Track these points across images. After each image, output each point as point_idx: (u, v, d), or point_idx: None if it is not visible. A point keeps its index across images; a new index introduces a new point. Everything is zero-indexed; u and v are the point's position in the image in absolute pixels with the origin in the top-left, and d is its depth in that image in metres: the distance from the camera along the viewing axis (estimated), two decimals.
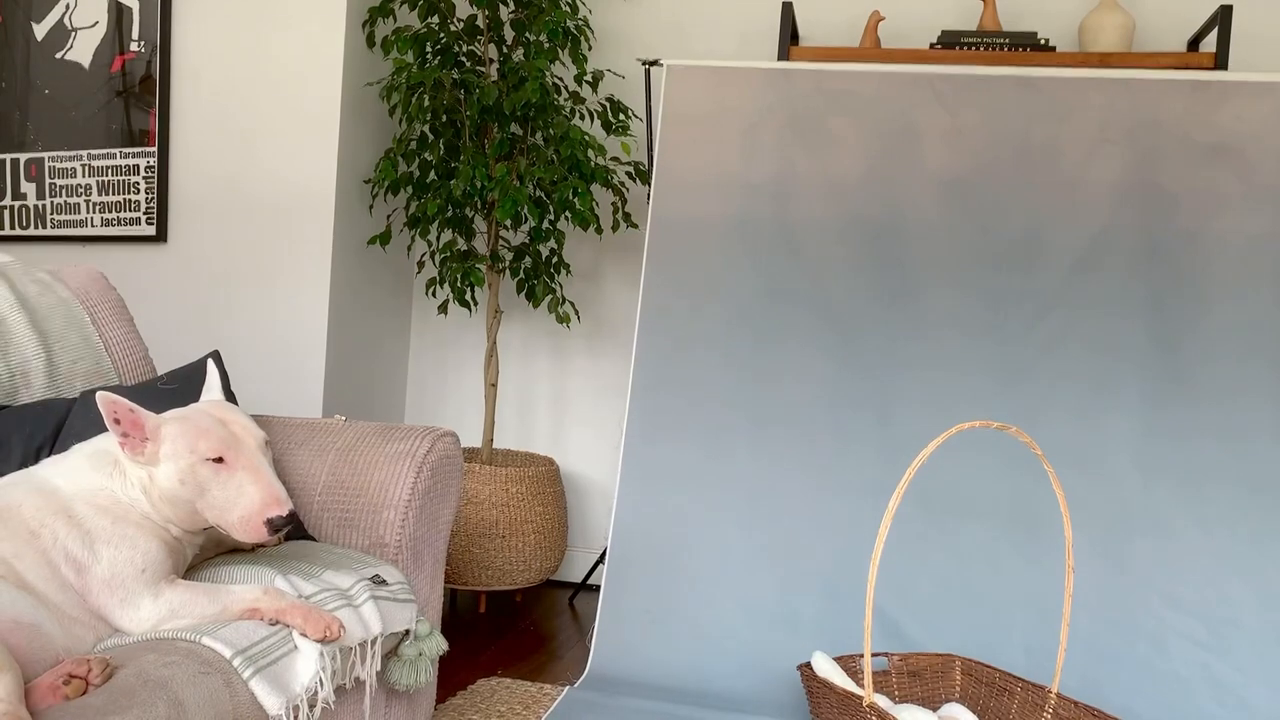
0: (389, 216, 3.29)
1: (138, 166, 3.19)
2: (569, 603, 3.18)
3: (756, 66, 2.88)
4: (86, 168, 3.24)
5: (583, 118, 3.28)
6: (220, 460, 1.33)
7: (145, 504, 1.33)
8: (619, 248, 3.50)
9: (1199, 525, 2.50)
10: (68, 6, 3.25)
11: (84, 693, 1.07)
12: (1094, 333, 2.64)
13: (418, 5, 2.95)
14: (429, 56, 3.00)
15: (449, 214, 2.98)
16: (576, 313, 3.12)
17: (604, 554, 2.69)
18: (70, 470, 1.34)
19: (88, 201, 3.25)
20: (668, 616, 2.55)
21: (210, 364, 1.55)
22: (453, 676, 2.43)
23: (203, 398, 1.51)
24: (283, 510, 1.33)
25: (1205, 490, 2.51)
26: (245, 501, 1.32)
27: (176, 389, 1.75)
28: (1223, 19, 2.78)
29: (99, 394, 1.28)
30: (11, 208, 3.32)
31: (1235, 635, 2.40)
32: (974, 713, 2.19)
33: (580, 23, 2.98)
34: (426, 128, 3.02)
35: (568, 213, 2.90)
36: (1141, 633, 2.43)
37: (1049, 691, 2.08)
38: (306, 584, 1.43)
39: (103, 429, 1.58)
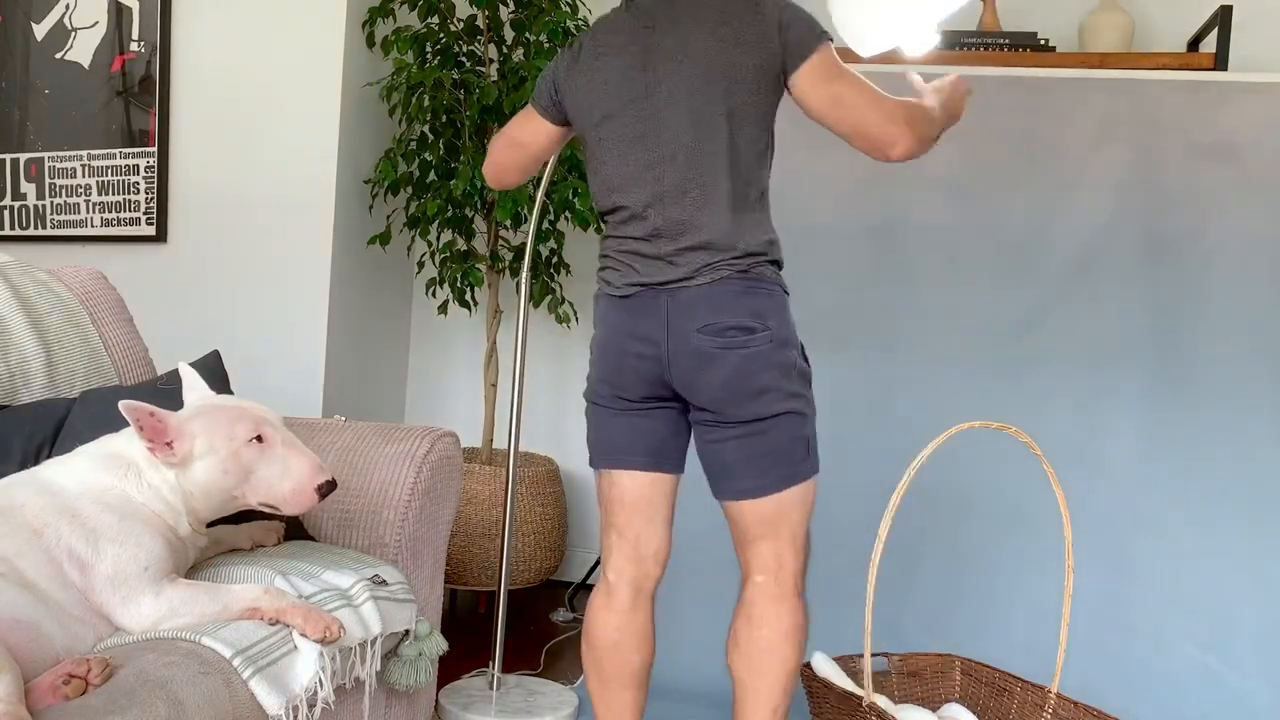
0: (389, 216, 3.29)
1: (137, 166, 3.19)
2: (569, 602, 3.18)
3: None
4: (86, 168, 3.24)
5: None
6: (260, 439, 1.37)
7: (159, 504, 1.34)
8: None
9: (1199, 524, 2.49)
10: (68, 6, 3.24)
11: (84, 693, 1.07)
12: (1094, 332, 2.64)
13: (418, 5, 2.95)
14: (429, 56, 3.00)
15: (449, 214, 2.98)
16: (575, 313, 3.12)
17: None
18: (76, 471, 1.34)
19: (88, 201, 3.25)
20: (667, 616, 2.55)
21: (183, 367, 1.53)
22: (453, 677, 2.43)
23: (187, 399, 1.49)
24: (329, 476, 1.39)
25: (1205, 489, 2.51)
26: (295, 473, 1.38)
27: (175, 389, 1.75)
28: (1223, 19, 2.78)
29: (122, 403, 1.29)
30: (11, 208, 3.32)
31: (1235, 635, 2.40)
32: (974, 713, 2.19)
33: (580, 23, 2.98)
34: (426, 128, 3.01)
35: (568, 213, 2.90)
36: (1141, 633, 2.43)
37: (1049, 691, 2.08)
38: (306, 584, 1.43)
39: (103, 428, 1.58)
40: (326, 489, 1.38)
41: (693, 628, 2.52)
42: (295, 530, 1.69)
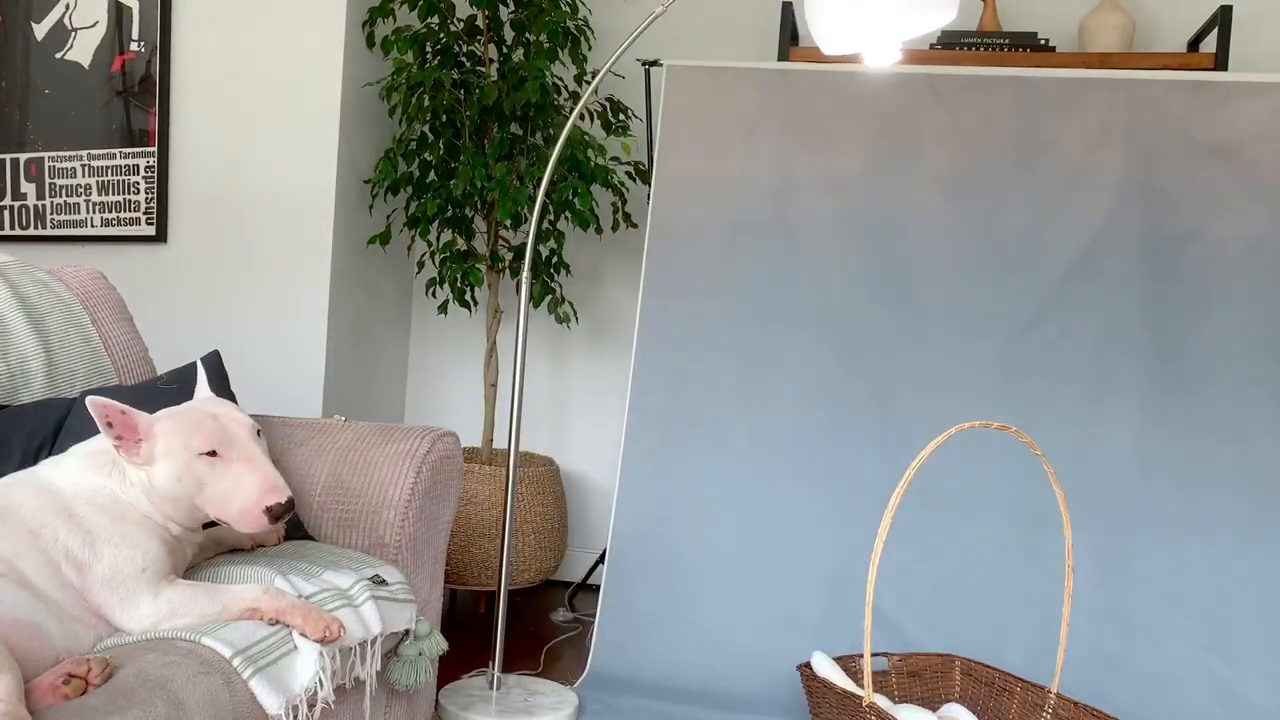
0: (389, 216, 3.29)
1: (138, 166, 3.19)
2: (569, 602, 3.18)
3: (756, 66, 2.88)
4: (86, 168, 3.24)
5: (583, 118, 3.29)
6: (214, 454, 1.33)
7: (145, 503, 1.33)
8: (619, 248, 3.50)
9: (1199, 525, 2.49)
10: (68, 6, 3.24)
11: (84, 692, 1.07)
12: (1094, 332, 2.64)
13: (418, 5, 2.95)
14: (429, 56, 3.00)
15: (449, 214, 2.98)
16: (575, 313, 3.12)
17: (604, 554, 2.69)
18: (70, 470, 1.34)
19: (88, 201, 3.24)
20: (667, 616, 2.55)
21: (198, 365, 1.55)
22: (453, 677, 2.43)
23: (196, 397, 1.51)
24: (281, 497, 1.33)
25: (1205, 490, 2.51)
26: (243, 492, 1.33)
27: (176, 389, 1.75)
28: (1223, 19, 2.78)
29: (88, 399, 1.27)
30: (11, 208, 3.32)
31: (1235, 635, 2.40)
32: (974, 713, 2.19)
33: (580, 23, 2.98)
34: (426, 128, 3.02)
35: (567, 213, 2.90)
36: (1141, 633, 2.43)
37: (1049, 691, 2.08)
38: (306, 584, 1.43)
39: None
40: (280, 510, 1.32)
41: (689, 627, 2.52)
42: (295, 530, 1.69)
